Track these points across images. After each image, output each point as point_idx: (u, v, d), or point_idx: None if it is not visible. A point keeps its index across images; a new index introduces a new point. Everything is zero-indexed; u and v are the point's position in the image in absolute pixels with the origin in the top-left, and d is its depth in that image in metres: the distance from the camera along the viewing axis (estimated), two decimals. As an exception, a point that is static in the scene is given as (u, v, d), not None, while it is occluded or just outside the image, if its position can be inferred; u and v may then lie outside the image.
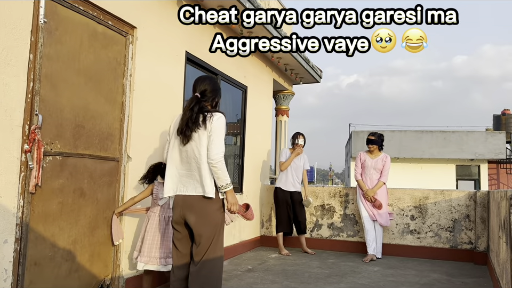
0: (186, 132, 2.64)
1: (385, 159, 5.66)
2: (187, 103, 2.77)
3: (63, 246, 3.01)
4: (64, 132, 3.01)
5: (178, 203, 2.74)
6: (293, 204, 5.77)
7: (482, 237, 5.46)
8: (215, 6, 4.73)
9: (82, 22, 3.16)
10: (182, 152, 2.74)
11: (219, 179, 2.71)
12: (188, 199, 2.71)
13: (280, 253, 5.75)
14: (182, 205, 2.72)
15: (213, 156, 2.67)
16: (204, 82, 2.82)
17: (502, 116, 21.62)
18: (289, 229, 5.83)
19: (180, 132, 2.68)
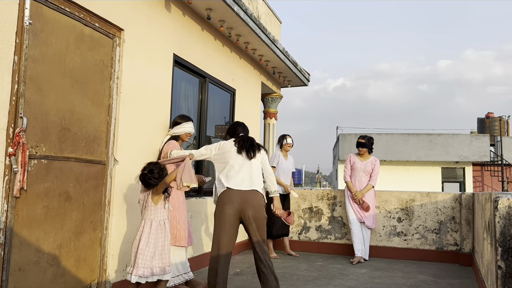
0: (253, 153, 3.55)
1: (374, 162, 5.71)
2: (245, 137, 3.63)
3: (48, 251, 2.96)
4: (50, 135, 2.97)
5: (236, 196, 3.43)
6: (283, 206, 5.78)
7: (468, 239, 5.54)
8: (203, 7, 4.74)
9: (68, 24, 3.12)
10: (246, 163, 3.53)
11: (273, 185, 3.68)
12: (248, 195, 3.46)
13: (274, 256, 5.72)
14: (241, 198, 3.43)
15: (270, 169, 3.72)
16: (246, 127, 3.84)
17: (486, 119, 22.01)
18: (282, 233, 5.84)
19: (245, 152, 3.53)
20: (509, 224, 2.37)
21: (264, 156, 3.66)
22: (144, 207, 3.23)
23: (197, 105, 5.19)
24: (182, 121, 4.05)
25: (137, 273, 3.05)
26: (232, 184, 3.42)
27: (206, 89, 5.24)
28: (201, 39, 5.07)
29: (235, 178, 3.44)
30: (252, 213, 3.39)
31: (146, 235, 3.13)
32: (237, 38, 5.64)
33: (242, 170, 3.47)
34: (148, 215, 3.19)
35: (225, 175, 3.47)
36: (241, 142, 3.55)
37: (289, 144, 5.88)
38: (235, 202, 3.38)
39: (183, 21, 4.65)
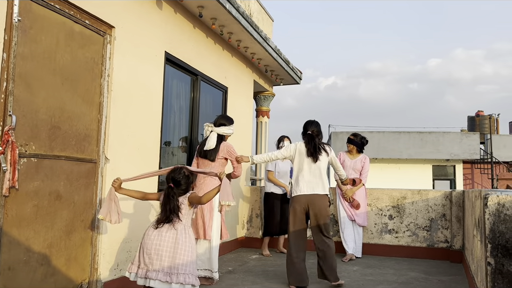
0: (316, 155, 4.11)
1: (364, 160, 5.72)
2: (308, 138, 4.18)
3: (38, 250, 2.93)
4: (40, 133, 2.94)
5: (303, 199, 4.08)
6: (282, 205, 5.79)
7: (458, 236, 5.60)
8: (195, 5, 4.72)
9: (58, 21, 3.09)
10: (311, 167, 4.13)
11: (342, 174, 4.55)
12: (313, 197, 4.08)
13: (262, 254, 5.76)
14: (306, 201, 4.08)
15: (342, 171, 4.55)
16: (313, 124, 4.27)
17: (476, 117, 22.22)
18: (277, 232, 5.84)
19: (310, 154, 4.11)
20: (499, 221, 2.40)
21: (331, 154, 4.24)
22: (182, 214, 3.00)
23: (189, 103, 5.17)
24: (229, 124, 4.35)
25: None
26: (300, 189, 4.10)
27: (198, 87, 5.22)
28: (193, 37, 5.05)
29: (302, 182, 4.11)
30: (316, 212, 4.09)
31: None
32: (229, 36, 5.63)
33: (309, 174, 4.12)
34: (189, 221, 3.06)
35: (296, 179, 4.17)
36: (308, 145, 4.15)
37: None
38: (303, 203, 4.09)
39: (174, 19, 4.63)
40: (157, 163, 4.30)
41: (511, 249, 2.36)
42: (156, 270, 2.85)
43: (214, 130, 4.25)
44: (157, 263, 2.86)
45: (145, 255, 2.91)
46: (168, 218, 2.93)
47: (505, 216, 2.39)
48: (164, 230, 2.94)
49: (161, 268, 2.85)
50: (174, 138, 4.99)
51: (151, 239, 2.93)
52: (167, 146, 4.82)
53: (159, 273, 2.84)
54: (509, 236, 2.37)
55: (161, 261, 2.86)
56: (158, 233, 2.94)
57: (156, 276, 2.84)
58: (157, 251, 2.88)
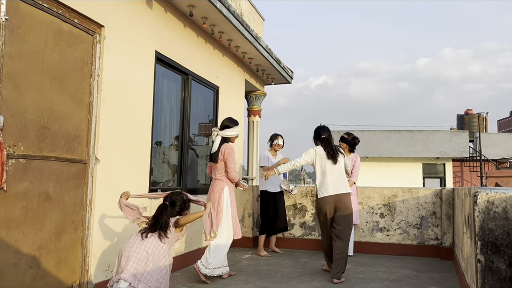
0: (336, 157, 4.50)
1: (355, 159, 5.72)
2: (326, 142, 4.54)
3: (27, 252, 2.90)
4: (28, 134, 2.90)
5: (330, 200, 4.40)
6: (279, 204, 5.77)
7: (448, 233, 5.65)
8: (185, 4, 4.69)
9: (46, 20, 3.05)
10: (333, 168, 4.48)
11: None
12: (339, 196, 4.41)
13: (258, 254, 5.68)
14: (333, 201, 4.40)
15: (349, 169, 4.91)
16: (325, 130, 4.63)
17: (465, 115, 22.44)
18: (274, 230, 5.83)
19: (330, 157, 4.46)
20: (488, 219, 2.42)
21: (344, 155, 4.65)
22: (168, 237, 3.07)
23: (180, 103, 5.15)
24: (233, 125, 4.48)
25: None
26: (327, 191, 4.40)
27: (189, 86, 5.20)
28: (184, 36, 5.02)
29: (328, 184, 4.41)
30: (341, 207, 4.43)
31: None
32: (220, 35, 5.61)
33: (332, 176, 4.45)
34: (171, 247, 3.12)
35: (320, 182, 4.47)
36: (327, 148, 4.50)
37: (279, 145, 5.83)
38: (330, 203, 4.40)
39: (165, 18, 4.60)
40: (148, 163, 4.27)
41: (500, 246, 2.38)
42: (129, 271, 2.84)
43: (219, 133, 4.43)
44: (132, 266, 2.86)
45: (123, 258, 2.91)
46: (155, 228, 3.00)
47: (494, 213, 2.42)
48: (150, 240, 2.98)
49: (134, 272, 2.85)
50: (165, 138, 4.96)
51: (134, 244, 2.96)
52: (158, 146, 4.79)
53: (131, 275, 2.83)
54: (498, 233, 2.40)
55: (136, 264, 2.87)
56: (141, 241, 2.97)
57: (126, 277, 2.82)
58: (136, 254, 2.90)
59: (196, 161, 5.63)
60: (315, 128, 4.69)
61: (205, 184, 5.77)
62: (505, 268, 2.37)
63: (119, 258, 2.98)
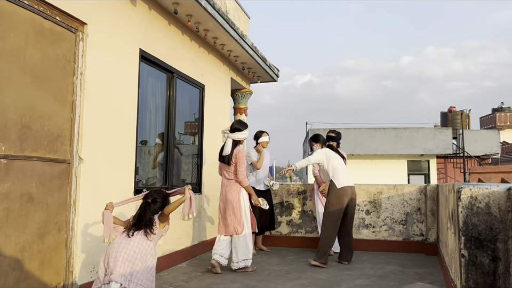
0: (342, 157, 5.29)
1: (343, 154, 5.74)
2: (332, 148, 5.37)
3: (9, 255, 2.84)
4: (9, 134, 2.84)
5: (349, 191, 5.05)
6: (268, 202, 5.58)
7: (433, 229, 5.73)
8: (170, 1, 4.65)
9: (27, 18, 2.99)
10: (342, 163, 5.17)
11: None
12: (354, 189, 5.17)
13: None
14: (351, 192, 5.07)
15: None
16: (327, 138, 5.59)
17: (449, 113, 22.78)
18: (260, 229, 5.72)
19: (340, 156, 5.26)
20: (471, 214, 2.46)
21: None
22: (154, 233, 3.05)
23: (165, 102, 5.10)
24: (243, 129, 4.74)
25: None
26: (345, 181, 5.00)
27: (174, 85, 5.16)
28: (169, 34, 4.98)
29: (343, 175, 5.03)
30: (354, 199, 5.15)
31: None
32: (205, 33, 5.58)
33: (344, 168, 5.11)
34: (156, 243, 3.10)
35: (334, 174, 5.03)
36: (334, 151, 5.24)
37: (266, 142, 5.75)
38: (349, 194, 5.00)
39: (149, 15, 4.55)
40: (133, 162, 4.23)
41: (483, 241, 2.42)
42: (118, 272, 2.81)
43: (230, 136, 4.67)
44: (121, 266, 2.83)
45: (111, 258, 2.86)
46: (140, 226, 2.98)
47: (477, 209, 2.45)
48: (136, 238, 2.96)
49: (123, 272, 2.82)
50: (151, 137, 4.92)
51: (121, 244, 2.91)
52: (144, 145, 4.74)
53: (121, 276, 2.81)
54: (481, 228, 2.43)
55: (125, 265, 2.84)
56: (127, 240, 2.94)
57: (117, 278, 2.79)
58: (123, 254, 2.86)
59: (182, 160, 5.60)
60: (315, 135, 5.50)
61: (191, 182, 5.74)
62: (488, 262, 2.41)
63: (105, 260, 2.93)
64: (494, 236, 2.41)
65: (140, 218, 3.04)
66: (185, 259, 5.18)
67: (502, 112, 28.94)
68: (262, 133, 5.84)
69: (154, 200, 3.10)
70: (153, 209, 3.08)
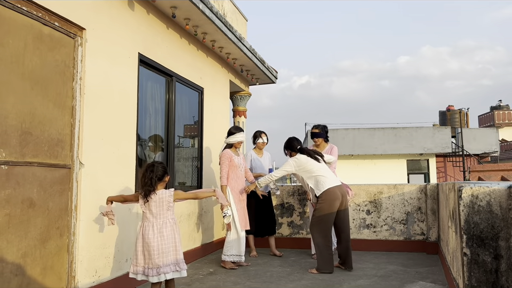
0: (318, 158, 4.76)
1: (330, 150, 5.37)
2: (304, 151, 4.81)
3: (12, 260, 2.84)
4: (10, 140, 2.84)
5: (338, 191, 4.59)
6: (267, 204, 5.58)
7: (433, 228, 5.73)
8: (168, 5, 4.66)
9: (26, 23, 3.00)
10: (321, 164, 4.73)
11: None
12: (342, 188, 4.70)
13: (249, 255, 5.57)
14: (341, 192, 4.61)
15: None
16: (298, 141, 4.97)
17: (447, 111, 22.82)
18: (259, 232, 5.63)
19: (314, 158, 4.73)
20: (473, 212, 2.46)
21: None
22: (164, 208, 3.28)
23: (165, 105, 5.11)
24: (235, 132, 4.99)
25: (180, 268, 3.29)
26: (330, 182, 4.55)
27: (173, 88, 5.17)
28: (167, 38, 4.99)
29: (326, 176, 4.59)
30: (345, 201, 4.67)
31: (179, 231, 3.35)
32: (203, 36, 5.59)
33: (325, 168, 4.67)
34: (172, 214, 3.33)
35: (316, 178, 4.61)
36: (308, 154, 4.73)
37: (263, 143, 5.68)
38: (339, 195, 4.56)
39: (147, 20, 4.56)
40: (134, 166, 4.23)
41: (485, 239, 2.43)
42: (168, 264, 3.20)
43: (225, 140, 5.05)
44: (166, 260, 3.20)
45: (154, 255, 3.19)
46: (147, 190, 3.25)
47: (479, 207, 2.46)
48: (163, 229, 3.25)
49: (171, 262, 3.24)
50: (150, 140, 4.92)
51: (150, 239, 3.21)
52: (144, 149, 4.75)
53: (171, 266, 3.22)
54: (483, 226, 2.44)
55: (163, 257, 3.20)
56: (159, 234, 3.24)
57: (170, 269, 3.21)
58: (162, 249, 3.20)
59: (182, 163, 5.60)
60: (287, 141, 4.94)
61: (191, 186, 5.74)
62: (490, 261, 2.41)
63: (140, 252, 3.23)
64: (495, 234, 2.41)
65: (142, 182, 3.29)
66: (187, 262, 5.17)
67: (500, 110, 29.00)
68: (261, 133, 5.74)
69: (157, 165, 3.32)
70: (155, 172, 3.27)
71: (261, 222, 5.59)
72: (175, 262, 3.25)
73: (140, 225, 3.31)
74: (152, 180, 3.24)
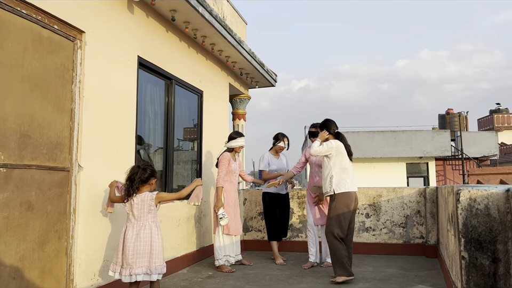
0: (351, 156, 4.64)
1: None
2: (342, 137, 4.62)
3: (10, 263, 2.83)
4: (8, 142, 2.84)
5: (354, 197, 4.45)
6: (284, 207, 5.48)
7: (433, 231, 5.73)
8: (167, 8, 4.67)
9: (25, 27, 3.00)
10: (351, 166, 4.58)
11: None
12: (357, 195, 4.54)
13: (275, 262, 5.35)
14: (355, 198, 4.47)
15: None
16: (334, 124, 4.64)
17: (447, 115, 22.85)
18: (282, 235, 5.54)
19: (350, 154, 4.60)
20: (471, 216, 2.47)
21: None
22: (144, 211, 3.32)
23: (164, 108, 5.11)
24: (237, 137, 5.10)
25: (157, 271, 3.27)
26: (352, 187, 4.42)
27: (172, 91, 5.17)
28: (166, 41, 5.00)
29: (350, 179, 4.42)
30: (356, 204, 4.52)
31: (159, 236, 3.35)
32: (203, 40, 5.60)
33: (352, 173, 4.53)
34: (153, 217, 3.35)
35: (339, 176, 4.41)
36: (347, 146, 4.57)
37: (282, 147, 5.49)
38: (354, 200, 4.42)
39: (147, 23, 4.57)
40: (133, 169, 4.22)
41: (483, 243, 2.43)
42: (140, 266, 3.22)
43: (225, 145, 5.17)
44: (139, 261, 3.22)
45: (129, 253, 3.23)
46: (128, 192, 3.31)
47: (477, 210, 2.46)
48: (141, 232, 3.28)
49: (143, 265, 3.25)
50: (150, 143, 4.92)
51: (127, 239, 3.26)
52: (143, 152, 4.75)
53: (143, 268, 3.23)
54: (481, 229, 2.44)
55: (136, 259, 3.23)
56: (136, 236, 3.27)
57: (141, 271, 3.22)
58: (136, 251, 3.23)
59: (181, 166, 5.60)
60: (325, 121, 4.57)
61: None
62: (488, 264, 2.41)
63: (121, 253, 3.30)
64: (493, 237, 2.41)
65: (128, 184, 3.33)
66: (186, 265, 5.17)
67: (499, 114, 29.04)
68: (283, 137, 5.51)
69: (144, 168, 3.35)
70: (141, 175, 3.31)
71: (282, 227, 5.46)
72: (147, 265, 3.24)
73: (125, 224, 3.40)
74: (135, 181, 3.29)
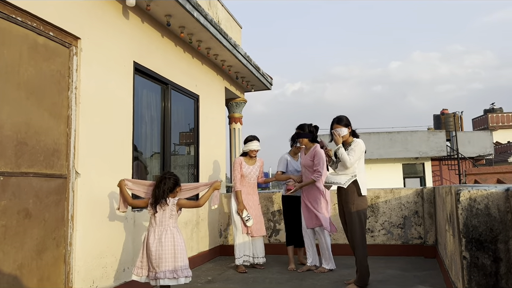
0: None
1: (313, 151, 4.87)
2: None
3: (8, 272, 2.80)
4: (5, 150, 2.82)
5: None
6: (298, 210, 5.20)
7: (431, 231, 5.74)
8: (162, 14, 4.67)
9: (20, 34, 2.99)
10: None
11: None
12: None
13: (288, 268, 5.17)
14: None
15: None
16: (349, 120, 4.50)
17: (442, 115, 22.94)
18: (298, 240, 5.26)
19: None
20: (471, 216, 2.47)
21: None
22: (166, 216, 3.46)
23: (160, 113, 5.10)
24: (249, 141, 5.21)
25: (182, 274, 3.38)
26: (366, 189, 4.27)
27: (168, 96, 5.16)
28: (162, 46, 4.99)
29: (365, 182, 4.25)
30: None
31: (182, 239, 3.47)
32: (198, 44, 5.60)
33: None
34: (174, 222, 3.49)
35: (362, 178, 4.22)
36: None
37: (299, 148, 5.25)
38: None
39: (142, 28, 4.56)
40: (130, 175, 4.21)
41: (484, 242, 2.43)
42: (163, 271, 3.33)
43: (242, 149, 5.34)
44: (163, 265, 3.34)
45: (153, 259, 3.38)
46: (157, 200, 3.44)
47: (477, 210, 2.47)
48: (163, 236, 3.40)
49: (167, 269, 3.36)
50: (147, 148, 4.91)
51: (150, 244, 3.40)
52: (140, 158, 4.73)
53: (166, 272, 3.33)
54: (482, 229, 2.45)
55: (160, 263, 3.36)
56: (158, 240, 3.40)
57: (164, 275, 3.33)
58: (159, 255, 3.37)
59: (178, 170, 5.58)
60: (344, 117, 4.38)
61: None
62: (490, 264, 2.41)
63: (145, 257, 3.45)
64: (494, 236, 2.42)
65: (154, 193, 3.48)
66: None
67: (493, 113, 29.21)
68: (298, 139, 5.15)
69: (169, 177, 3.50)
70: (167, 184, 3.45)
71: (296, 231, 5.25)
72: (172, 270, 3.35)
73: (147, 229, 3.54)
74: (165, 192, 3.45)
